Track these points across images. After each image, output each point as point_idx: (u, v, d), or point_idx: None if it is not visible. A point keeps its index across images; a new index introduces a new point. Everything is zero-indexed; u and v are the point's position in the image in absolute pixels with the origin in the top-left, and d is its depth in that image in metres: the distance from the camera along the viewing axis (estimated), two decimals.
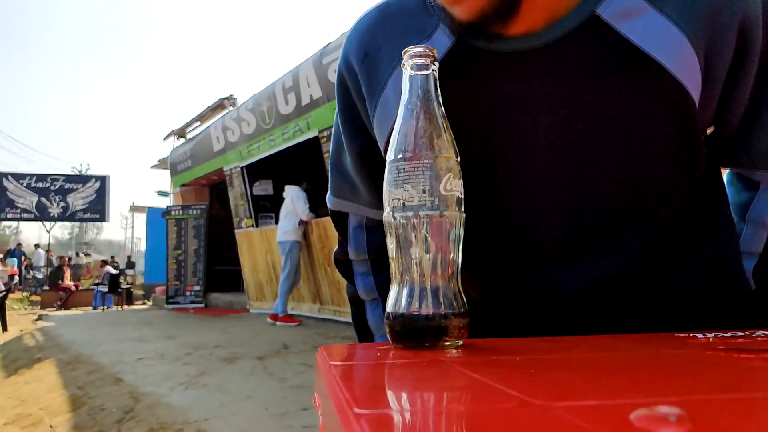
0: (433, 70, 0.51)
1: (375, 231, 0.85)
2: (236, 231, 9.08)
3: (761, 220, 0.69)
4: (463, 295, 0.50)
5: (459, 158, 0.50)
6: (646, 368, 0.39)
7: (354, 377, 0.39)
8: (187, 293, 10.34)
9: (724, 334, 0.51)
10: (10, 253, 18.22)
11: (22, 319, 10.01)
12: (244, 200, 8.77)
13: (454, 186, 0.49)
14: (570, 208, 0.64)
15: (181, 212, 10.53)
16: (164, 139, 12.12)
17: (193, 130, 11.24)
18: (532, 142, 0.63)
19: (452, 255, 0.49)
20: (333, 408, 0.30)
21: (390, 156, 0.50)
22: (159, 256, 11.54)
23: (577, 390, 0.33)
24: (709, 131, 0.71)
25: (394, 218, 0.49)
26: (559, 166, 0.63)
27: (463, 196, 0.50)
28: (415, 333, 0.47)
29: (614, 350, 0.48)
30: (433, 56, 0.51)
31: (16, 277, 16.18)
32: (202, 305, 10.17)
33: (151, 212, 13.83)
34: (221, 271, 11.02)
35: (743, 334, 0.52)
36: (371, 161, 0.77)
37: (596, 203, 0.63)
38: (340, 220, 0.88)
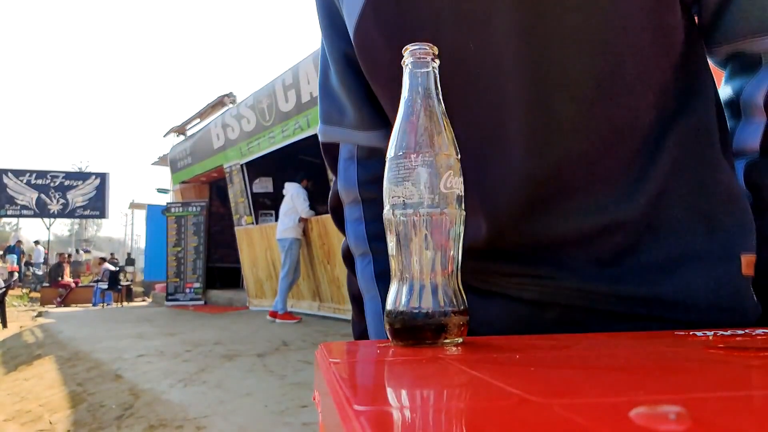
0: (433, 67, 0.51)
1: (366, 163, 0.79)
2: (236, 228, 9.08)
3: (752, 100, 0.62)
4: (463, 292, 0.50)
5: (459, 155, 0.50)
6: (646, 366, 0.39)
7: (354, 374, 0.39)
8: (187, 290, 10.35)
9: (724, 332, 0.51)
10: (9, 250, 18.22)
11: (22, 316, 10.02)
12: (243, 197, 8.77)
13: (454, 183, 0.49)
14: (535, 84, 0.60)
15: (180, 209, 10.53)
16: (164, 136, 12.12)
17: (193, 127, 11.25)
18: (496, 7, 0.60)
19: (452, 252, 0.49)
20: (333, 405, 0.30)
21: (390, 153, 0.50)
22: (159, 253, 11.55)
23: (576, 387, 0.33)
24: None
25: (394, 216, 0.49)
26: (521, 33, 0.59)
27: (463, 193, 0.50)
28: (415, 330, 0.47)
29: (614, 347, 0.48)
30: (434, 53, 0.51)
31: (16, 274, 16.18)
32: (201, 302, 10.18)
33: (151, 209, 13.82)
34: (221, 268, 11.03)
35: (743, 332, 0.52)
36: (353, 68, 0.73)
37: (562, 73, 0.59)
38: (332, 153, 0.83)
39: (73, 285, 13.73)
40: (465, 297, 0.50)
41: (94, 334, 6.63)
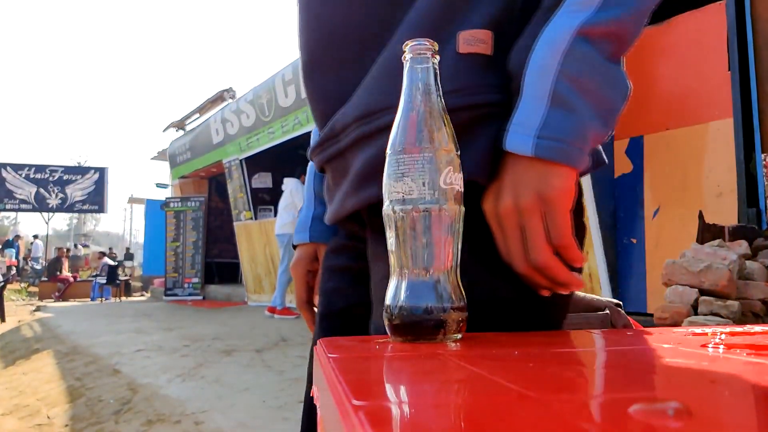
0: (433, 63, 0.51)
1: None
2: (235, 223, 9.07)
3: None
4: (462, 288, 0.50)
5: (459, 151, 0.50)
6: (644, 363, 0.39)
7: (352, 370, 0.39)
8: (186, 285, 10.34)
9: (723, 329, 0.51)
10: (8, 244, 18.19)
11: (20, 310, 10.02)
12: (243, 193, 8.76)
13: (454, 179, 0.49)
14: None
15: (179, 204, 10.52)
16: (164, 130, 12.08)
17: (192, 122, 11.21)
18: None
19: (452, 248, 0.49)
20: (331, 400, 0.30)
21: (390, 148, 0.50)
22: (157, 248, 11.55)
23: (575, 384, 0.33)
24: None
25: (394, 211, 0.49)
26: None
27: (462, 189, 0.50)
28: (415, 326, 0.47)
29: (612, 344, 0.48)
30: (434, 49, 0.51)
31: (14, 268, 16.16)
32: (200, 297, 10.18)
33: (150, 204, 13.81)
34: (219, 263, 11.02)
35: (741, 329, 0.52)
36: None
37: None
38: None
39: (71, 279, 13.71)
40: (464, 293, 0.50)
41: (92, 329, 6.63)
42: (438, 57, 0.52)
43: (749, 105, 3.63)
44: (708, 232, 3.29)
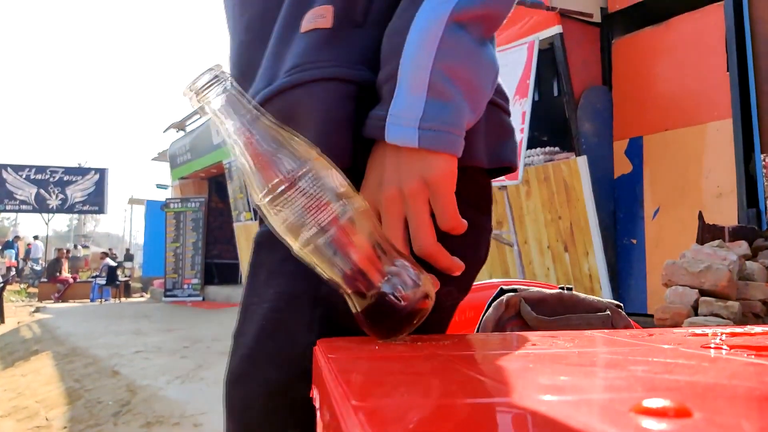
0: (231, 83, 0.46)
1: None
2: (235, 224, 9.08)
3: None
4: (407, 261, 0.48)
5: (319, 149, 0.47)
6: (644, 364, 0.39)
7: (351, 370, 0.39)
8: (185, 286, 10.35)
9: (723, 330, 0.51)
10: (7, 245, 18.19)
11: (20, 311, 10.01)
12: (243, 193, 8.77)
13: (340, 178, 0.46)
14: None
15: (179, 205, 10.53)
16: (164, 131, 12.09)
17: (192, 123, 11.22)
18: None
19: (384, 238, 0.48)
20: (330, 400, 0.30)
21: (265, 195, 0.45)
22: (157, 249, 11.56)
23: (576, 385, 0.33)
24: None
25: (317, 243, 0.45)
26: None
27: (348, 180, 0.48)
28: (407, 319, 0.47)
29: (612, 345, 0.48)
30: (221, 71, 0.46)
31: (13, 269, 16.16)
32: (199, 298, 10.18)
33: (150, 205, 13.83)
34: (219, 264, 11.03)
35: (741, 330, 0.52)
36: None
37: None
38: None
39: (71, 280, 13.70)
40: (415, 265, 0.48)
41: (91, 330, 6.63)
42: (227, 74, 0.48)
43: (748, 105, 3.64)
44: (708, 233, 3.30)
